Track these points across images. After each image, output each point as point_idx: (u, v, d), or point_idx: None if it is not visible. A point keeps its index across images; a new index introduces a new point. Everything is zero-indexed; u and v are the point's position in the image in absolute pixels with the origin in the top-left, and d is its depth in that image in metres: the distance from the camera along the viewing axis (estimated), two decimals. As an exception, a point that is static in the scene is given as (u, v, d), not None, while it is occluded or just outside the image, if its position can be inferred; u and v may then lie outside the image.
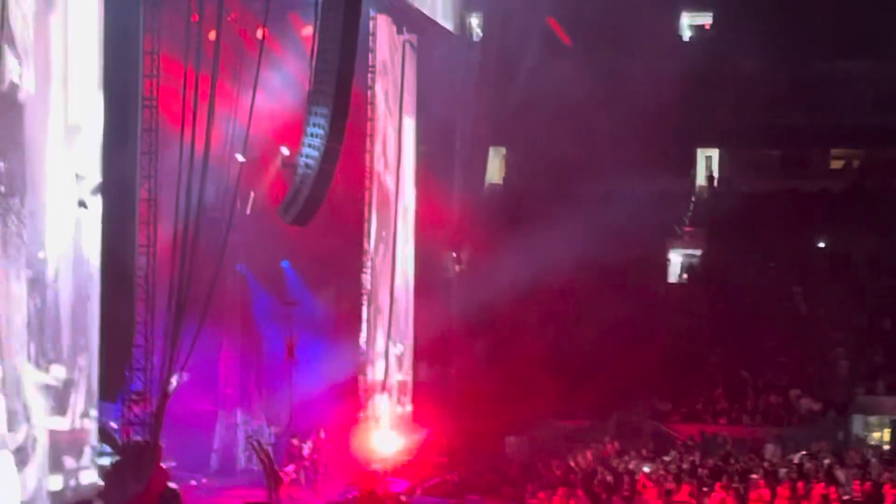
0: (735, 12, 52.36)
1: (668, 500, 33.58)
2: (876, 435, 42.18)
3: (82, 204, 25.82)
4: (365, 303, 38.20)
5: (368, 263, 38.40)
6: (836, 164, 55.49)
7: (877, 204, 51.29)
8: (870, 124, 52.58)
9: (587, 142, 45.18)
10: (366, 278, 38.24)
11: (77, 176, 25.66)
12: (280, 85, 34.71)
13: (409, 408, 40.97)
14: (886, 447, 40.58)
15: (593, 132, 44.66)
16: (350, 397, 37.30)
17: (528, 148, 49.86)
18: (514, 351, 43.17)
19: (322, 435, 35.33)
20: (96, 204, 26.56)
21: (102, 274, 27.01)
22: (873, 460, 37.06)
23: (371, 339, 38.52)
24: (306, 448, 34.98)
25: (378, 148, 39.01)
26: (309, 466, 34.75)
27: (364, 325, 38.10)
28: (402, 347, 41.25)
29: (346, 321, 38.17)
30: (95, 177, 26.47)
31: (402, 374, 41.14)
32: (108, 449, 28.31)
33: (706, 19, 54.60)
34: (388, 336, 39.63)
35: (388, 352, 39.53)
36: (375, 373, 38.74)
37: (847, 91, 52.73)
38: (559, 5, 45.58)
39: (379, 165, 39.11)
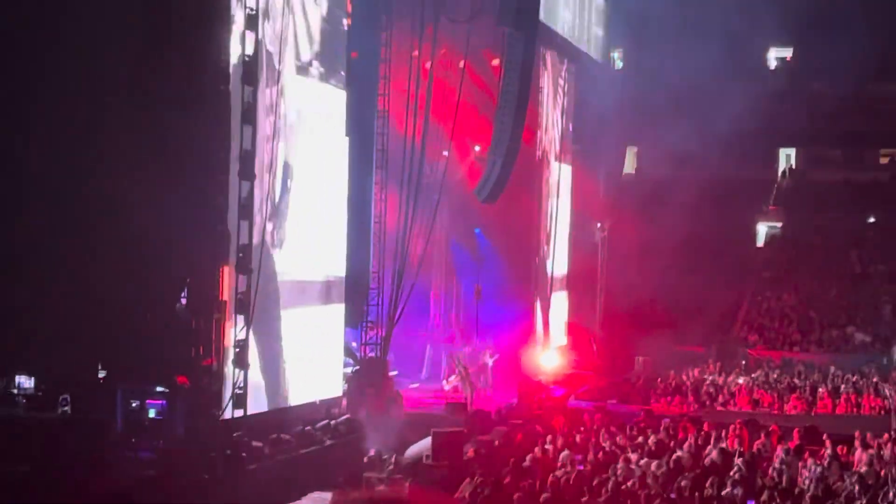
0: (810, 47, 51.23)
1: (755, 405, 33.17)
2: (912, 361, 41.45)
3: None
4: (537, 263, 38.22)
5: (539, 231, 38.44)
6: (884, 160, 54.27)
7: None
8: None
9: (700, 141, 44.67)
10: (536, 242, 38.21)
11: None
12: (476, 101, 34.66)
13: (565, 337, 40.88)
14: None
15: (705, 133, 44.15)
16: (523, 328, 37.25)
17: (654, 146, 49.39)
18: (643, 292, 42.99)
19: (496, 355, 35.08)
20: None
21: (348, 242, 27.38)
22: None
23: (540, 287, 38.55)
24: (490, 362, 34.88)
25: (546, 147, 38.89)
26: (487, 376, 34.58)
27: (534, 278, 38.16)
28: (564, 295, 41.19)
29: (521, 275, 37.94)
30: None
31: (561, 313, 41.09)
32: (350, 362, 28.68)
33: (788, 53, 53.61)
34: (551, 286, 39.55)
35: (550, 299, 39.47)
36: (542, 309, 38.78)
37: (894, 105, 51.87)
38: (682, 47, 45.00)
39: (547, 159, 39.00)
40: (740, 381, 36.04)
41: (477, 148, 35.52)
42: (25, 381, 21.91)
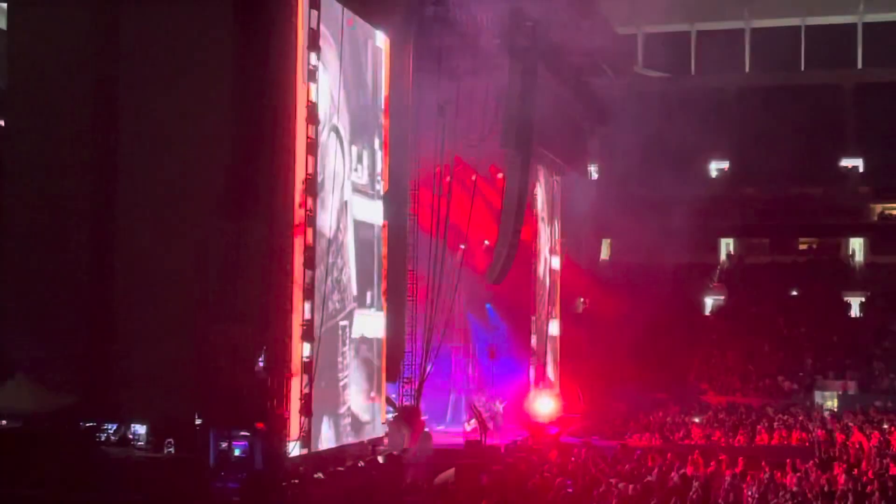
0: (742, 160, 51.91)
1: (707, 439, 32.88)
2: (828, 403, 40.98)
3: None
4: (534, 330, 38.17)
5: (536, 306, 38.43)
6: (803, 246, 54.38)
7: (830, 268, 50.95)
8: (821, 223, 52.13)
9: (659, 234, 44.92)
10: (533, 316, 38.20)
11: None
12: (485, 206, 34.90)
13: (557, 388, 40.64)
14: (834, 410, 39.43)
15: (663, 227, 44.48)
16: (525, 381, 37.02)
17: (623, 238, 49.66)
18: (617, 352, 42.77)
19: (504, 402, 34.89)
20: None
21: (387, 315, 27.38)
22: (827, 417, 36.13)
23: (537, 349, 38.40)
24: (500, 408, 34.65)
25: (540, 238, 39.03)
26: (497, 419, 34.32)
27: (533, 340, 38.06)
28: (552, 352, 41.01)
29: (522, 339, 37.82)
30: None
31: (553, 366, 40.89)
32: (390, 409, 28.61)
33: (725, 164, 53.86)
34: (546, 347, 39.42)
35: (545, 358, 39.28)
36: (540, 365, 38.59)
37: (809, 204, 52.15)
38: (643, 161, 45.51)
39: (540, 249, 39.11)
40: (696, 420, 35.86)
41: (487, 242, 35.60)
42: (139, 428, 22.14)
